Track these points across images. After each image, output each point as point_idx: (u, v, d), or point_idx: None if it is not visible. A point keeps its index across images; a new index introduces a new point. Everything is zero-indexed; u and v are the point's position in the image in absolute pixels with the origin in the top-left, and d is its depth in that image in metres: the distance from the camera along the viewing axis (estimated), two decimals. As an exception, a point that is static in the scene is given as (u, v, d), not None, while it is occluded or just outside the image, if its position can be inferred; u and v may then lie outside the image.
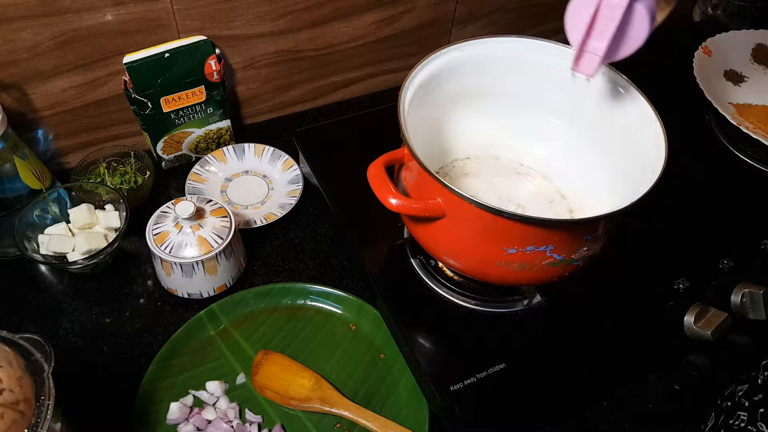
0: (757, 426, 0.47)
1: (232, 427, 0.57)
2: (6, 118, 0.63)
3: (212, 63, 0.74)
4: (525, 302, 0.61)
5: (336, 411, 0.58)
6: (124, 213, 0.68)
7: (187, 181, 0.77)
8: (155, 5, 0.69)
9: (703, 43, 0.88)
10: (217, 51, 0.75)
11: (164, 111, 0.75)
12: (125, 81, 0.72)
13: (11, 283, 0.68)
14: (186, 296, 0.66)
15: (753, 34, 0.92)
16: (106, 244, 0.66)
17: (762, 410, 0.48)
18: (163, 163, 0.81)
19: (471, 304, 0.61)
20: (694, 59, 0.84)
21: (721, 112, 0.76)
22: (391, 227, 0.67)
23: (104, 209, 0.70)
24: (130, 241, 0.73)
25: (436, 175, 0.48)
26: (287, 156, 0.81)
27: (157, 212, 0.65)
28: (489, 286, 0.61)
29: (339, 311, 0.66)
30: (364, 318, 0.65)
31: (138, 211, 0.71)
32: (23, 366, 0.44)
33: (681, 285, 0.64)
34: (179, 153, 0.81)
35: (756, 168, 0.78)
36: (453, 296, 0.61)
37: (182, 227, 0.63)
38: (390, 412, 0.59)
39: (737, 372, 0.55)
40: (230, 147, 0.81)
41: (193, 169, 0.79)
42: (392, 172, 0.55)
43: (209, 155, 0.80)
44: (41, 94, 0.71)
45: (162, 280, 0.67)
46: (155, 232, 0.63)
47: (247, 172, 0.81)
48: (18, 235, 0.64)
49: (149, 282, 0.69)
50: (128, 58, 0.69)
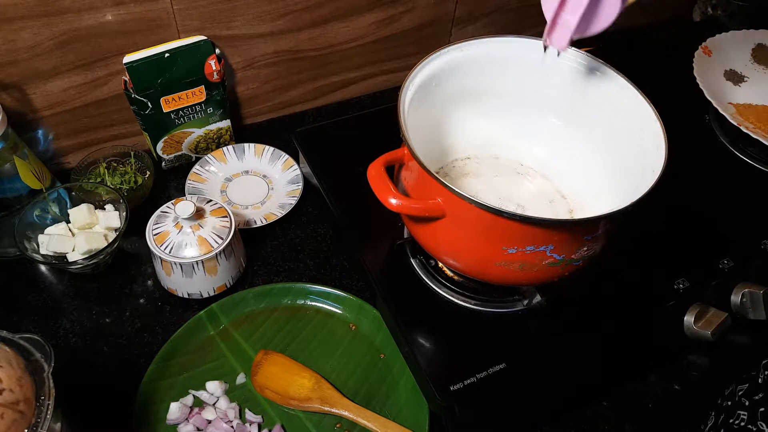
0: (758, 425, 0.47)
1: (232, 427, 0.57)
2: (6, 118, 0.63)
3: (212, 63, 0.74)
4: (525, 302, 0.61)
5: (336, 411, 0.58)
6: (124, 213, 0.68)
7: (187, 181, 0.77)
8: (155, 5, 0.69)
9: (703, 43, 0.88)
10: (217, 51, 0.75)
11: (164, 111, 0.75)
12: (125, 81, 0.72)
13: (11, 283, 0.68)
14: (186, 296, 0.66)
15: (753, 34, 0.92)
16: (106, 244, 0.66)
17: (762, 409, 0.48)
18: (163, 163, 0.81)
19: (471, 304, 0.61)
20: (694, 59, 0.84)
21: (721, 112, 0.76)
22: (391, 227, 0.67)
23: (104, 209, 0.70)
24: (130, 241, 0.73)
25: (436, 175, 0.48)
26: (287, 156, 0.81)
27: (157, 212, 0.65)
28: (489, 286, 0.61)
29: (339, 311, 0.66)
30: (364, 318, 0.65)
31: (138, 211, 0.71)
32: (23, 366, 0.44)
33: (681, 285, 0.64)
34: (179, 153, 0.81)
35: (756, 168, 0.78)
36: (453, 296, 0.61)
37: (182, 227, 0.63)
38: (390, 412, 0.59)
39: (737, 372, 0.55)
40: (230, 147, 0.81)
41: (193, 169, 0.79)
42: (392, 172, 0.55)
43: (209, 155, 0.80)
44: (41, 94, 0.71)
45: (162, 280, 0.67)
46: (155, 232, 0.63)
47: (247, 172, 0.81)
48: (18, 235, 0.64)
49: (149, 282, 0.69)
50: (128, 58, 0.69)
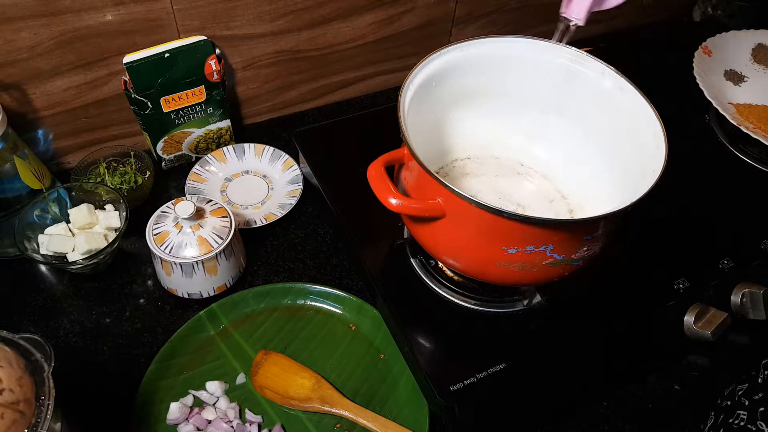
0: (757, 425, 0.47)
1: (232, 427, 0.57)
2: (6, 118, 0.63)
3: (212, 63, 0.74)
4: (525, 302, 0.61)
5: (336, 411, 0.58)
6: (124, 213, 0.68)
7: (187, 181, 0.77)
8: (155, 5, 0.69)
9: (703, 43, 0.88)
10: (217, 51, 0.75)
11: (164, 111, 0.75)
12: (125, 81, 0.72)
13: (11, 283, 0.68)
14: (186, 296, 0.66)
15: (753, 34, 0.92)
16: (106, 244, 0.66)
17: (762, 409, 0.48)
18: (163, 163, 0.81)
19: (471, 304, 0.61)
20: (694, 59, 0.84)
21: (721, 112, 0.76)
22: (391, 227, 0.67)
23: (104, 209, 0.70)
24: (130, 241, 0.73)
25: (436, 175, 0.48)
26: (287, 156, 0.81)
27: (157, 212, 0.65)
28: (489, 286, 0.61)
29: (339, 311, 0.66)
30: (364, 318, 0.65)
31: (138, 211, 0.71)
32: (23, 366, 0.44)
33: (681, 285, 0.64)
34: (179, 153, 0.81)
35: (756, 168, 0.78)
36: (453, 296, 0.61)
37: (182, 227, 0.63)
38: (390, 412, 0.59)
39: (737, 372, 0.55)
40: (230, 147, 0.81)
41: (193, 169, 0.79)
42: (392, 172, 0.55)
43: (209, 155, 0.80)
44: (41, 94, 0.71)
45: (162, 280, 0.67)
46: (155, 232, 0.63)
47: (247, 172, 0.81)
48: (18, 235, 0.64)
49: (149, 282, 0.69)
50: (128, 58, 0.69)
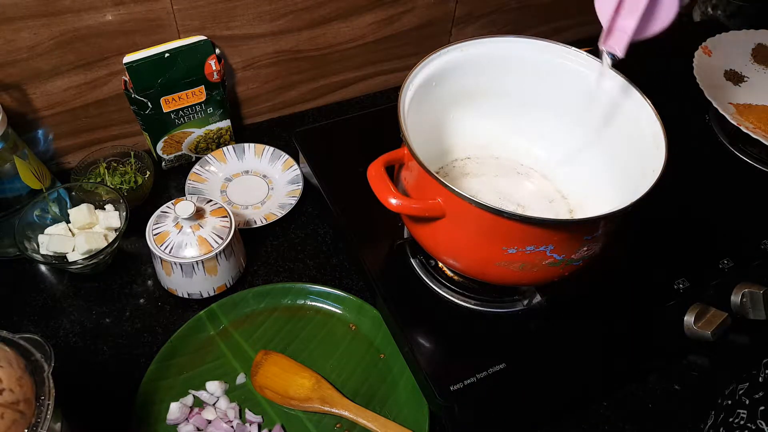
0: (757, 424, 0.47)
1: (232, 427, 0.57)
2: (6, 118, 0.63)
3: (212, 63, 0.74)
4: (525, 302, 0.61)
5: (336, 411, 0.58)
6: (124, 213, 0.68)
7: (187, 181, 0.77)
8: (155, 5, 0.69)
9: (703, 43, 0.88)
10: (217, 51, 0.75)
11: (164, 111, 0.75)
12: (125, 81, 0.72)
13: (11, 283, 0.68)
14: (186, 296, 0.66)
15: (753, 34, 0.92)
16: (106, 244, 0.66)
17: (762, 408, 0.48)
18: (163, 163, 0.81)
19: (471, 304, 0.61)
20: (694, 59, 0.84)
21: (721, 112, 0.76)
22: (391, 227, 0.67)
23: (104, 209, 0.70)
24: (130, 241, 0.73)
25: (436, 175, 0.48)
26: (287, 156, 0.81)
27: (157, 212, 0.65)
28: (489, 286, 0.61)
29: (339, 311, 0.66)
30: (364, 318, 0.65)
31: (138, 211, 0.71)
32: (23, 366, 0.44)
33: (681, 285, 0.64)
34: (179, 153, 0.81)
35: (756, 168, 0.78)
36: (453, 296, 0.61)
37: (182, 227, 0.63)
38: (390, 412, 0.59)
39: (737, 372, 0.55)
40: (230, 147, 0.81)
41: (193, 169, 0.79)
42: (392, 172, 0.55)
43: (209, 155, 0.80)
44: (41, 94, 0.71)
45: (162, 280, 0.67)
46: (155, 232, 0.63)
47: (247, 172, 0.81)
48: (18, 235, 0.64)
49: (149, 282, 0.69)
50: (128, 58, 0.69)
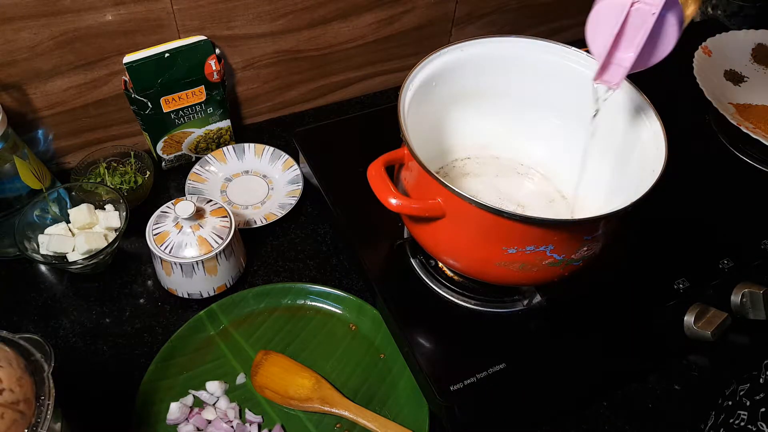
0: (758, 425, 0.47)
1: (232, 427, 0.57)
2: (6, 118, 0.63)
3: (212, 63, 0.74)
4: (525, 302, 0.61)
5: (336, 411, 0.58)
6: (124, 213, 0.68)
7: (187, 181, 0.77)
8: (155, 5, 0.69)
9: (703, 43, 0.88)
10: (217, 51, 0.75)
11: (164, 111, 0.75)
12: (125, 81, 0.72)
13: (11, 283, 0.68)
14: (186, 296, 0.66)
15: (753, 34, 0.92)
16: (106, 244, 0.66)
17: (763, 409, 0.48)
18: (163, 163, 0.81)
19: (471, 304, 0.61)
20: (694, 59, 0.84)
21: (721, 112, 0.76)
22: (391, 227, 0.67)
23: (104, 209, 0.70)
24: (130, 241, 0.73)
25: (436, 175, 0.48)
26: (287, 156, 0.81)
27: (157, 212, 0.65)
28: (489, 286, 0.61)
29: (339, 311, 0.66)
30: (364, 318, 0.65)
31: (138, 211, 0.71)
32: (23, 366, 0.44)
33: (681, 285, 0.64)
34: (179, 153, 0.81)
35: (756, 168, 0.78)
36: (453, 296, 0.61)
37: (182, 227, 0.63)
38: (390, 412, 0.59)
39: (737, 372, 0.55)
40: (230, 147, 0.81)
41: (193, 169, 0.79)
42: (392, 172, 0.55)
43: (209, 155, 0.80)
44: (41, 94, 0.71)
45: (162, 280, 0.67)
46: (155, 232, 0.63)
47: (247, 172, 0.81)
48: (18, 235, 0.64)
49: (149, 282, 0.69)
50: (128, 58, 0.69)
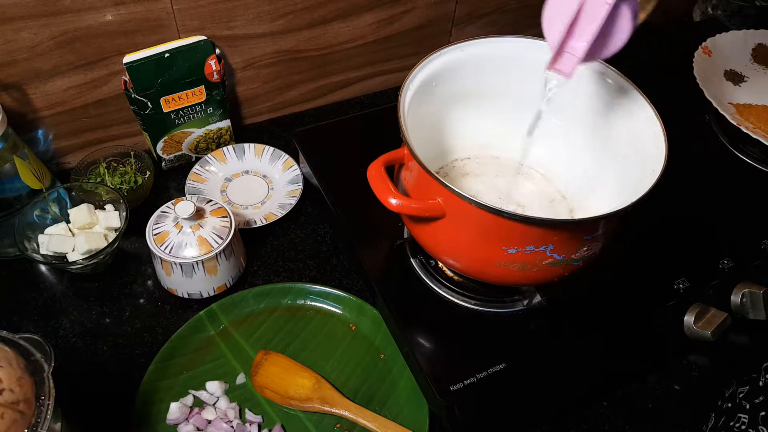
0: (758, 429, 0.47)
1: (232, 427, 0.57)
2: (6, 118, 0.63)
3: (212, 63, 0.74)
4: (525, 302, 0.61)
5: (336, 411, 0.58)
6: (124, 213, 0.68)
7: (187, 181, 0.77)
8: (155, 5, 0.69)
9: (703, 43, 0.88)
10: (217, 51, 0.75)
11: (164, 111, 0.75)
12: (125, 81, 0.72)
13: (11, 283, 0.68)
14: (186, 296, 0.66)
15: (753, 34, 0.92)
16: (106, 244, 0.66)
17: (763, 413, 0.48)
18: (163, 163, 0.81)
19: (471, 304, 0.61)
20: (694, 59, 0.84)
21: (721, 112, 0.76)
22: (391, 227, 0.67)
23: (104, 209, 0.70)
24: (130, 241, 0.73)
25: (436, 175, 0.48)
26: (287, 156, 0.81)
27: (157, 212, 0.65)
28: (489, 286, 0.61)
29: (339, 311, 0.66)
30: (364, 318, 0.65)
31: (138, 211, 0.71)
32: (23, 366, 0.44)
33: (681, 285, 0.64)
34: (179, 153, 0.81)
35: (756, 168, 0.78)
36: (453, 296, 0.61)
37: (182, 227, 0.63)
38: (390, 412, 0.59)
39: (737, 372, 0.55)
40: (230, 147, 0.81)
41: (193, 169, 0.79)
42: (392, 172, 0.55)
43: (209, 155, 0.80)
44: (41, 94, 0.71)
45: (162, 280, 0.67)
46: (155, 232, 0.63)
47: (247, 172, 0.81)
48: (18, 235, 0.64)
49: (149, 282, 0.69)
50: (128, 58, 0.69)
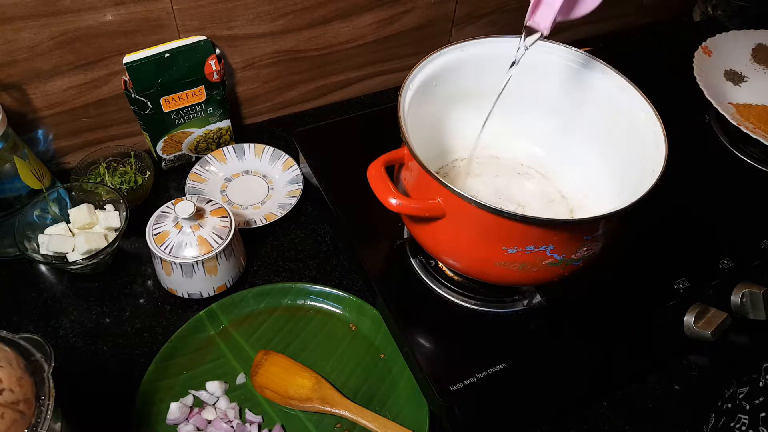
0: (758, 430, 0.47)
1: (232, 427, 0.57)
2: (6, 118, 0.63)
3: (212, 63, 0.74)
4: (525, 302, 0.61)
5: (336, 411, 0.58)
6: (124, 213, 0.68)
7: (187, 181, 0.77)
8: (155, 5, 0.69)
9: (703, 43, 0.88)
10: (217, 51, 0.75)
11: (164, 111, 0.75)
12: (125, 81, 0.72)
13: (11, 283, 0.68)
14: (186, 296, 0.66)
15: (753, 34, 0.92)
16: (106, 244, 0.66)
17: (763, 414, 0.48)
18: (163, 163, 0.81)
19: (471, 304, 0.61)
20: (694, 59, 0.84)
21: (721, 112, 0.76)
22: (391, 227, 0.67)
23: (104, 209, 0.70)
24: (130, 241, 0.73)
25: (436, 175, 0.48)
26: (287, 156, 0.81)
27: (157, 212, 0.65)
28: (489, 286, 0.61)
29: (339, 311, 0.66)
30: (364, 318, 0.65)
31: (138, 211, 0.71)
32: (23, 366, 0.44)
33: (681, 285, 0.64)
34: (179, 153, 0.81)
35: (756, 168, 0.78)
36: (453, 296, 0.61)
37: (182, 227, 0.63)
38: (390, 412, 0.59)
39: (737, 372, 0.55)
40: (230, 147, 0.81)
41: (193, 169, 0.79)
42: (392, 172, 0.55)
43: (209, 155, 0.80)
44: (41, 94, 0.71)
45: (162, 280, 0.67)
46: (155, 232, 0.63)
47: (247, 172, 0.81)
48: (18, 235, 0.64)
49: (149, 282, 0.69)
50: (128, 58, 0.69)
